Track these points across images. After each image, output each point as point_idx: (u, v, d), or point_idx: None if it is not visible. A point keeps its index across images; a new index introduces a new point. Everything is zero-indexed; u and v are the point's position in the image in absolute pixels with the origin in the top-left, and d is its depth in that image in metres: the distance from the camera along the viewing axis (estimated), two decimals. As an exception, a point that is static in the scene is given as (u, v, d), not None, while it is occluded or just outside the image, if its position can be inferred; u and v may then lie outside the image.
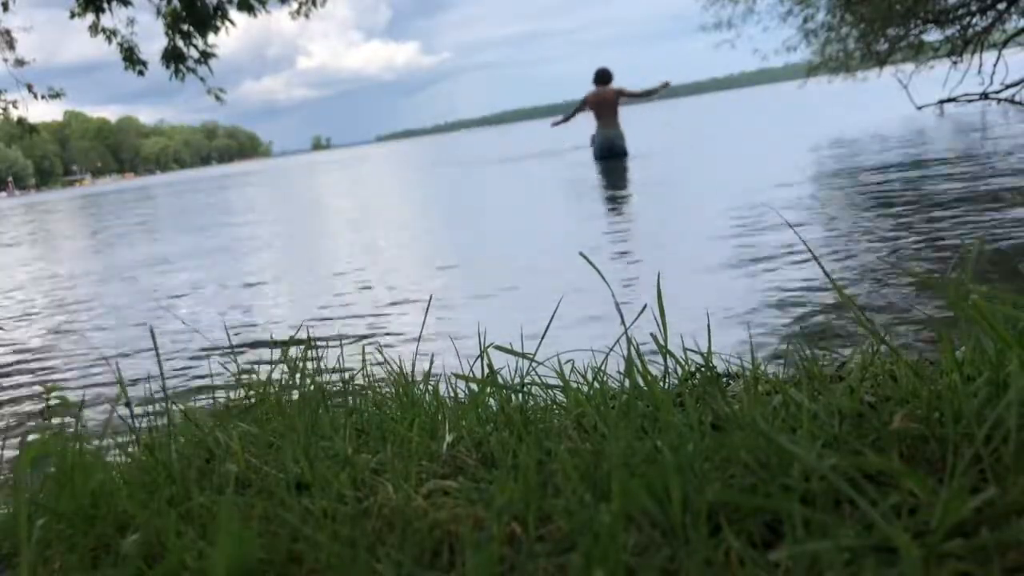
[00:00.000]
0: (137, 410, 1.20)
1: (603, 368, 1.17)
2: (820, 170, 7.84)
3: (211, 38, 8.70)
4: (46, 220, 20.68)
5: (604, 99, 12.26)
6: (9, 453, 1.69)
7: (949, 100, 12.91)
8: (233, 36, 8.90)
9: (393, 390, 1.33)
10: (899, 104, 13.39)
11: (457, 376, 1.18)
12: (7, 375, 3.68)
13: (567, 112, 13.18)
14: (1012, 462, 0.68)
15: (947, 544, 0.59)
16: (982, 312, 0.83)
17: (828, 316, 2.85)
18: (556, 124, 13.72)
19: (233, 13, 8.57)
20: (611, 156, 12.25)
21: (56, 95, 9.39)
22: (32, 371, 3.69)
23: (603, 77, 12.44)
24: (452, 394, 1.29)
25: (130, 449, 1.11)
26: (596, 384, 1.15)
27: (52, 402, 1.95)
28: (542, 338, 1.19)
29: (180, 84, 8.75)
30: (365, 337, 3.45)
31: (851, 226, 4.60)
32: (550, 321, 1.24)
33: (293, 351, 1.42)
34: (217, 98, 9.08)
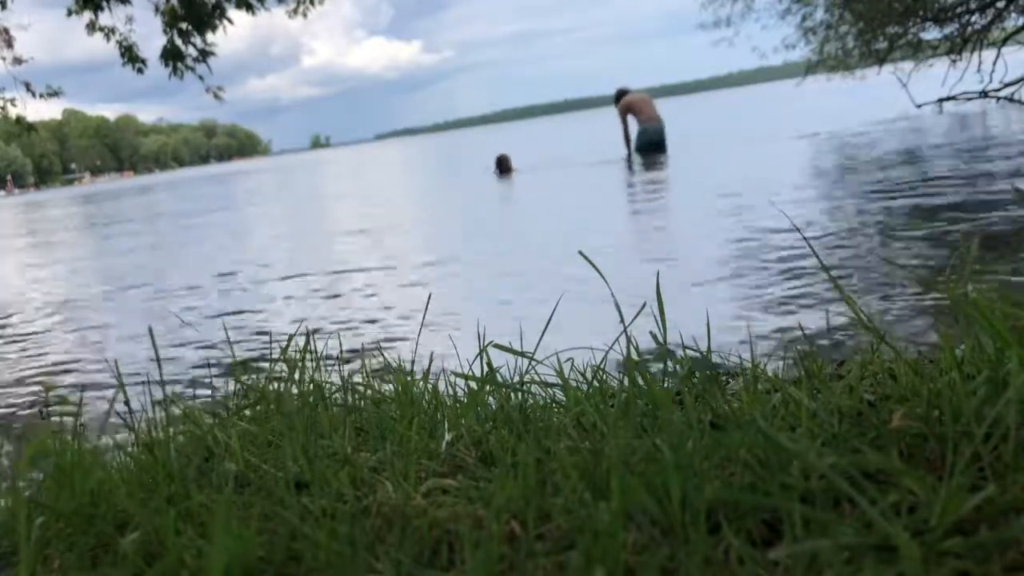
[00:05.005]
0: (136, 409, 1.20)
1: (602, 367, 1.17)
2: (820, 168, 7.84)
3: (210, 36, 8.70)
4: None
5: (643, 97, 12.45)
6: (8, 452, 1.69)
7: (948, 98, 12.89)
8: (238, 33, 8.91)
9: (392, 388, 1.33)
10: (899, 102, 13.38)
11: (456, 374, 1.18)
12: (6, 374, 3.68)
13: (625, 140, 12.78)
14: (1011, 460, 0.68)
15: (946, 542, 0.59)
16: (981, 310, 0.83)
17: (828, 314, 2.84)
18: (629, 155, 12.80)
19: (232, 12, 8.57)
20: (654, 149, 12.21)
21: (54, 93, 9.37)
22: (31, 370, 3.69)
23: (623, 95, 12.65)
24: (451, 393, 1.28)
25: (129, 448, 1.11)
26: (595, 383, 1.15)
27: (51, 401, 1.95)
28: (541, 336, 1.19)
29: (179, 82, 8.76)
30: (365, 335, 3.45)
31: (851, 224, 4.60)
32: (549, 319, 1.23)
33: (292, 349, 1.41)
34: (216, 96, 9.07)
